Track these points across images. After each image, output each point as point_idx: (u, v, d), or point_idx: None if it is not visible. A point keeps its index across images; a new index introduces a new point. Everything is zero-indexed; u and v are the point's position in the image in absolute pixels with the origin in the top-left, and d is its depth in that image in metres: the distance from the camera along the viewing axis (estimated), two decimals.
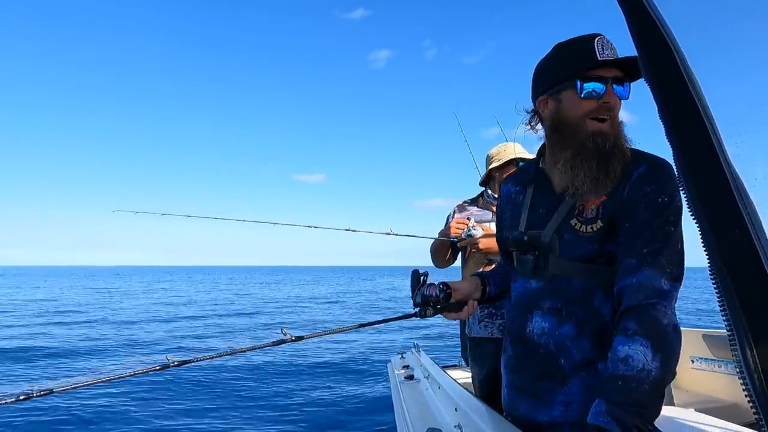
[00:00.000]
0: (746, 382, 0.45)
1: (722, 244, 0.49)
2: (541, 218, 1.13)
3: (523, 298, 1.17)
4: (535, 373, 1.13)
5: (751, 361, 0.44)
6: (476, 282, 1.33)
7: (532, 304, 1.14)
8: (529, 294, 1.15)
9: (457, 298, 1.25)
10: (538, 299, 1.12)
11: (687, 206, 0.54)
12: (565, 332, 1.07)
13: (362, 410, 6.01)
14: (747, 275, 0.47)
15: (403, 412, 1.99)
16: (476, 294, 1.31)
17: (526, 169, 1.31)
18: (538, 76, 1.15)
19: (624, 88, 1.04)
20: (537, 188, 1.19)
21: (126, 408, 5.85)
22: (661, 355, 0.88)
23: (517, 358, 1.19)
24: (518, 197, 1.25)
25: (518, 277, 1.21)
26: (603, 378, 0.94)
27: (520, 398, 1.18)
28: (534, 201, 1.19)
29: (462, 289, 1.27)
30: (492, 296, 1.35)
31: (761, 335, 0.45)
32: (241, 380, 7.77)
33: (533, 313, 1.13)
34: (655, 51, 0.57)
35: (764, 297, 0.46)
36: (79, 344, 10.45)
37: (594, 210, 1.05)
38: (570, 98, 1.05)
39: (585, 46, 1.02)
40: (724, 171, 0.50)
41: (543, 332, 1.10)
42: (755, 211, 0.49)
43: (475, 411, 1.52)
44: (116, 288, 35.13)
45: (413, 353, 3.01)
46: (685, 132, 0.54)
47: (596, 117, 1.03)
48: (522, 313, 1.16)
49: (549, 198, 1.15)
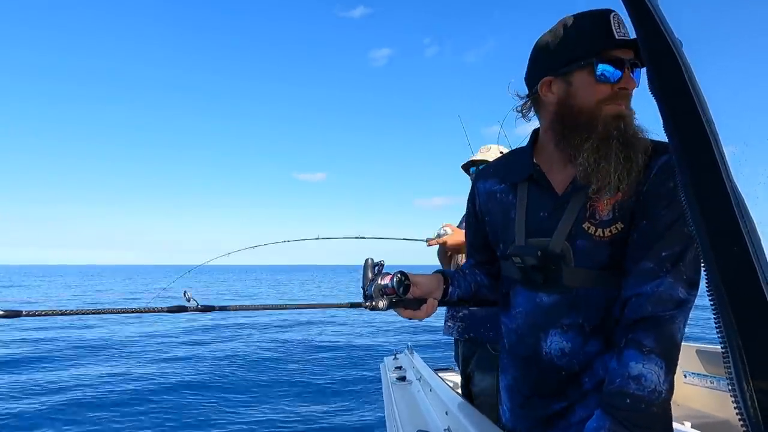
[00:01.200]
0: (738, 399, 0.45)
1: (721, 261, 0.49)
2: (543, 222, 0.99)
3: (534, 315, 1.02)
4: (550, 395, 1.01)
5: (743, 379, 0.44)
6: (438, 279, 1.15)
7: (546, 322, 0.99)
8: (541, 310, 1.00)
9: (416, 294, 1.08)
10: (553, 316, 0.98)
11: (689, 220, 0.54)
12: (591, 350, 0.96)
13: (353, 410, 6.01)
14: (744, 293, 0.47)
15: (394, 413, 1.99)
16: (437, 293, 1.13)
17: (508, 165, 1.13)
18: (542, 54, 0.98)
19: (636, 74, 0.92)
20: (532, 187, 1.04)
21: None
22: (671, 377, 0.83)
23: (526, 381, 1.06)
24: (505, 196, 1.09)
25: (521, 290, 1.06)
26: (608, 390, 0.86)
27: (527, 423, 1.07)
28: (530, 202, 1.03)
29: (422, 285, 1.09)
30: (453, 298, 1.18)
31: (755, 354, 0.45)
32: (236, 375, 7.77)
33: (548, 332, 0.99)
34: (662, 66, 0.57)
35: (760, 316, 0.46)
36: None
37: (609, 211, 0.93)
38: (583, 80, 0.91)
39: (601, 22, 0.89)
40: (726, 188, 0.50)
41: (563, 353, 0.97)
42: (755, 230, 0.49)
43: (465, 415, 1.52)
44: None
45: (406, 355, 3.01)
46: (689, 147, 0.53)
47: (611, 104, 0.91)
48: (533, 331, 1.02)
49: (549, 198, 1.00)
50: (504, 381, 1.15)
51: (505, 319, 1.13)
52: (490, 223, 1.13)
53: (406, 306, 1.07)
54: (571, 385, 0.98)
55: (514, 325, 1.08)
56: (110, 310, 1.13)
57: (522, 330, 1.05)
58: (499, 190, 1.11)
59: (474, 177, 1.24)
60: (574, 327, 0.96)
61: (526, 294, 1.04)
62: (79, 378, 7.26)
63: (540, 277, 0.98)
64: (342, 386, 7.13)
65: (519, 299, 1.06)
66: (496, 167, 1.18)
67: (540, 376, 1.02)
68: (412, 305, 1.08)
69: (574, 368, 0.97)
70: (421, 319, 1.10)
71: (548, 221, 0.99)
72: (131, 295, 28.44)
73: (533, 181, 1.03)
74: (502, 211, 1.09)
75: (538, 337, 1.01)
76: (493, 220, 1.12)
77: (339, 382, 7.34)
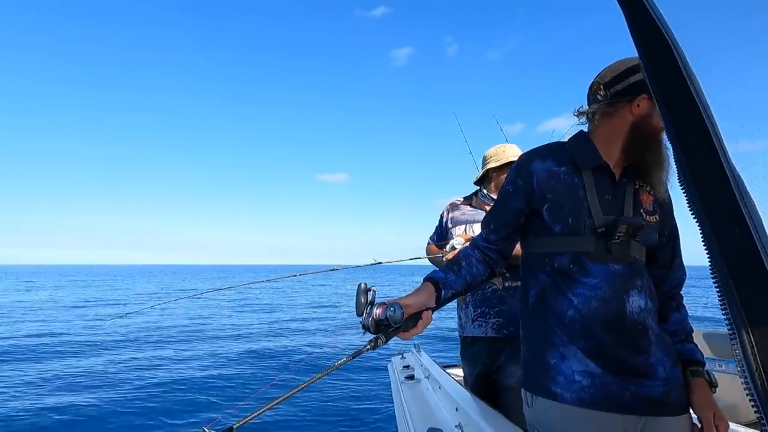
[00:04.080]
0: (747, 381, 0.45)
1: (723, 242, 0.49)
2: (609, 204, 1.19)
3: (614, 281, 1.17)
4: (635, 349, 1.16)
5: (752, 360, 0.44)
6: (429, 289, 1.23)
7: (627, 285, 1.17)
8: (619, 276, 1.18)
9: (409, 314, 1.14)
10: (630, 279, 1.18)
11: (688, 205, 0.54)
12: (650, 306, 1.20)
13: (362, 411, 6.01)
14: (748, 274, 0.47)
15: (404, 412, 1.99)
16: (431, 302, 1.21)
17: (571, 151, 1.27)
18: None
19: None
20: (597, 173, 1.22)
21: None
22: None
23: (614, 341, 1.16)
24: (569, 178, 1.23)
25: (590, 263, 1.18)
26: (687, 329, 1.27)
27: (625, 381, 1.15)
28: (598, 185, 1.21)
29: (413, 305, 1.17)
30: (445, 300, 1.26)
31: (762, 334, 0.45)
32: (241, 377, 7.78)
33: (629, 293, 1.17)
34: (655, 51, 0.57)
35: (765, 296, 0.46)
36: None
37: (651, 203, 1.22)
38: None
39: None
40: (725, 170, 0.50)
41: (641, 309, 1.17)
42: (756, 210, 0.49)
43: (475, 410, 1.52)
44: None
45: (413, 353, 3.01)
46: (686, 131, 0.54)
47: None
48: (617, 295, 1.17)
49: (610, 185, 1.21)
50: (588, 349, 1.17)
51: (577, 291, 1.20)
52: (553, 200, 1.23)
53: (405, 329, 1.15)
54: (646, 338, 1.18)
55: (595, 293, 1.18)
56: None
57: (607, 295, 1.18)
58: (563, 172, 1.24)
59: (524, 158, 1.32)
60: (643, 288, 1.19)
61: (598, 266, 1.18)
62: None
63: (617, 248, 1.17)
64: (350, 387, 7.14)
65: (592, 270, 1.19)
66: (550, 151, 1.30)
67: (627, 334, 1.17)
68: (409, 325, 1.15)
69: (648, 322, 1.18)
70: (419, 333, 1.17)
71: (613, 203, 1.19)
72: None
73: (598, 168, 1.22)
74: (568, 190, 1.22)
75: (622, 299, 1.17)
76: (557, 197, 1.23)
77: (346, 383, 7.35)
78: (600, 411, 1.13)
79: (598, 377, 1.15)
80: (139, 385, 6.92)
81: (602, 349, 1.16)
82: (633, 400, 1.13)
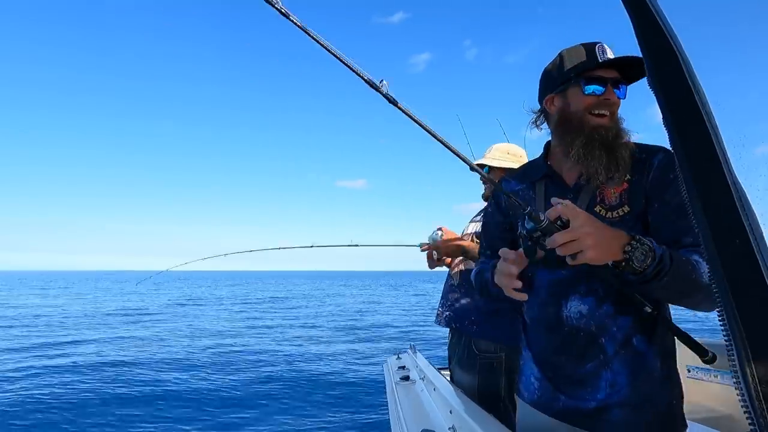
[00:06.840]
0: (743, 392, 0.45)
1: (723, 253, 0.49)
2: None
3: (554, 286, 1.18)
4: (576, 358, 1.13)
5: (748, 372, 0.44)
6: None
7: (566, 290, 1.16)
8: (561, 281, 1.17)
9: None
10: (572, 285, 1.15)
11: (689, 214, 0.54)
12: (605, 311, 1.11)
13: (357, 411, 6.01)
14: (747, 286, 0.47)
15: (398, 412, 2.00)
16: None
17: (527, 169, 1.38)
18: (546, 78, 1.26)
19: (621, 90, 1.17)
20: (548, 183, 1.26)
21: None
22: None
23: (554, 348, 1.18)
24: (526, 192, 1.30)
25: (538, 271, 1.21)
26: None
27: (558, 389, 1.16)
28: (547, 194, 1.24)
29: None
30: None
31: (760, 346, 0.45)
32: (237, 375, 7.79)
33: (568, 297, 1.15)
34: (660, 58, 0.57)
35: (764, 308, 0.46)
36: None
37: (616, 197, 1.14)
38: (575, 95, 1.17)
39: (587, 50, 1.16)
40: (727, 181, 0.50)
41: (581, 315, 1.13)
42: (757, 222, 0.49)
43: (469, 413, 1.52)
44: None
45: (409, 354, 3.02)
46: (689, 140, 0.53)
47: (598, 112, 1.14)
48: (554, 300, 1.18)
49: (563, 191, 1.21)
50: (531, 355, 1.26)
51: (530, 298, 1.15)
52: (514, 217, 1.31)
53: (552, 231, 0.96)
54: (593, 346, 1.12)
55: (537, 299, 1.22)
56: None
57: (545, 300, 1.20)
58: (520, 189, 1.32)
59: (501, 181, 1.46)
60: (590, 291, 1.13)
61: (543, 272, 1.21)
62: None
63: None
64: (345, 387, 7.14)
65: (538, 276, 1.22)
66: (524, 170, 1.41)
67: (566, 340, 1.15)
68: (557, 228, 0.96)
69: (592, 329, 1.12)
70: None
71: None
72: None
73: (548, 178, 1.26)
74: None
75: (559, 304, 1.17)
76: (515, 214, 1.29)
77: (342, 384, 7.35)
78: (545, 414, 1.19)
79: (541, 381, 1.22)
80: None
81: (544, 355, 1.21)
82: (565, 410, 1.15)
